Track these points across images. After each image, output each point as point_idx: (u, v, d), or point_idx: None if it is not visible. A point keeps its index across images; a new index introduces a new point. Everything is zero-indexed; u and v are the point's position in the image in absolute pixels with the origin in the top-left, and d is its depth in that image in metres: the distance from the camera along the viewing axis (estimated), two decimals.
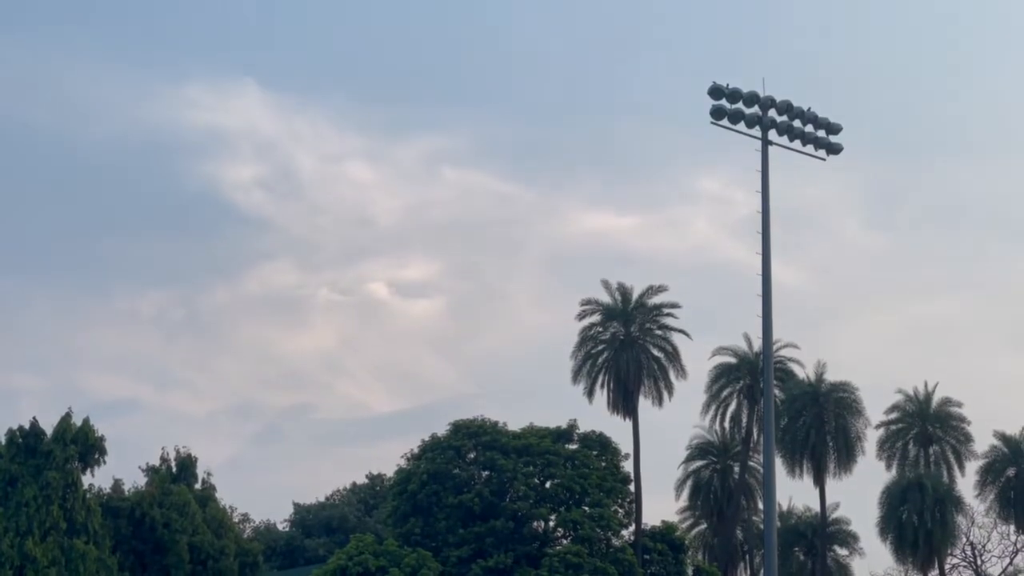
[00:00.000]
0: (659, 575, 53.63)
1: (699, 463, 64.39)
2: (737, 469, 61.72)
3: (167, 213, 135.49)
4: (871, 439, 59.81)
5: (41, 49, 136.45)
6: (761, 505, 55.74)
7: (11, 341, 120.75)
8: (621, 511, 53.43)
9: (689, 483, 63.97)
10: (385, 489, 66.20)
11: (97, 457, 49.11)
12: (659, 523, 56.63)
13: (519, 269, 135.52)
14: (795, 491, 68.57)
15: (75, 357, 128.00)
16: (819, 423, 57.13)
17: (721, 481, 63.42)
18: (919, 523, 55.00)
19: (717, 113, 29.97)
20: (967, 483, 60.62)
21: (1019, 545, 63.96)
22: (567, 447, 53.81)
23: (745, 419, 59.48)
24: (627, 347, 55.05)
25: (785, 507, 68.13)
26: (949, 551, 60.88)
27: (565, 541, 50.63)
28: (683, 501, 65.29)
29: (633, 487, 54.44)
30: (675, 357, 56.47)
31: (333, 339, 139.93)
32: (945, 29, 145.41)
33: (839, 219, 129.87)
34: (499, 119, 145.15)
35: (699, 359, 59.85)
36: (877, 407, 60.70)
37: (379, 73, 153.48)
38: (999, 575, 64.66)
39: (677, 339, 56.53)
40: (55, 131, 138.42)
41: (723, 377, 59.63)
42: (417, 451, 53.44)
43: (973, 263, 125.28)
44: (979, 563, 65.46)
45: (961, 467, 60.28)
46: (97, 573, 44.96)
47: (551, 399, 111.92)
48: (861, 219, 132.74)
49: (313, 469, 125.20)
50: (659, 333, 56.64)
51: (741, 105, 30.19)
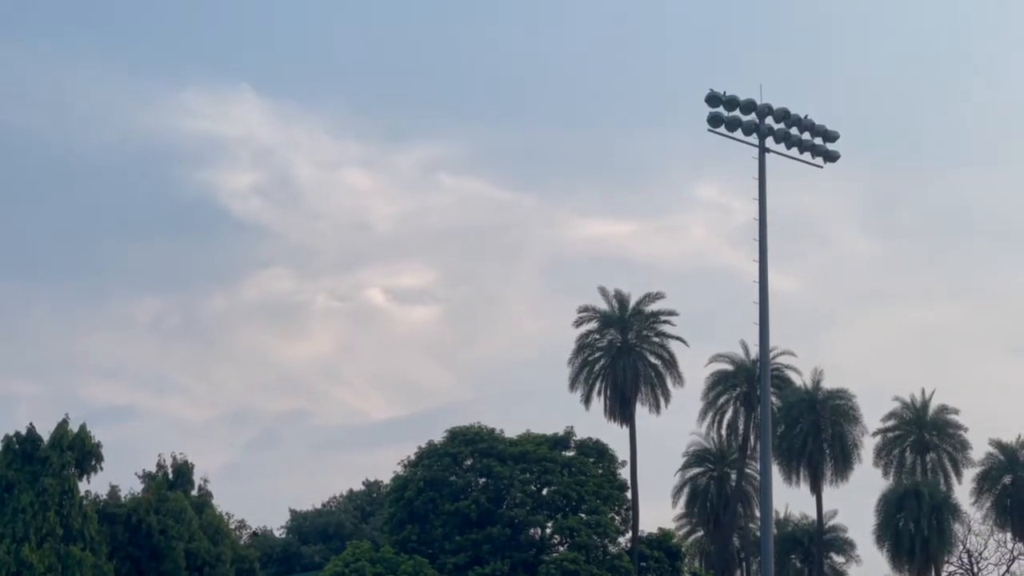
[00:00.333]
0: None
1: (696, 470, 64.09)
2: (734, 476, 61.54)
3: (165, 219, 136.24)
4: (868, 446, 59.67)
5: (41, 54, 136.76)
6: (758, 512, 55.39)
7: (9, 346, 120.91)
8: (618, 518, 53.46)
9: (686, 490, 63.65)
10: (382, 496, 66.20)
11: (94, 463, 49.20)
12: (656, 530, 56.76)
13: (516, 276, 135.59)
14: (792, 498, 68.24)
15: (72, 363, 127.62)
16: (816, 430, 57.04)
17: (718, 488, 63.18)
18: (916, 530, 54.81)
19: (714, 120, 29.62)
20: (964, 491, 60.48)
21: (1016, 552, 64.15)
22: (564, 454, 53.87)
23: (742, 426, 59.29)
24: (624, 354, 55.20)
25: (782, 514, 68.28)
26: (946, 559, 60.69)
27: (562, 548, 50.61)
28: (680, 508, 65.04)
29: (630, 494, 54.48)
30: (672, 364, 56.67)
31: (330, 346, 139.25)
32: (944, 36, 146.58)
33: (836, 226, 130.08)
34: (497, 127, 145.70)
35: (696, 366, 59.79)
36: (874, 414, 60.51)
37: (377, 80, 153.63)
38: None
39: (674, 346, 56.88)
40: (54, 136, 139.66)
41: (720, 384, 59.39)
42: (414, 458, 53.51)
43: (970, 270, 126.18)
44: (976, 570, 65.68)
45: (958, 475, 60.11)
46: None
47: (548, 406, 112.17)
48: (858, 226, 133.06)
49: (310, 476, 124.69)
50: (656, 340, 56.84)
51: (738, 112, 29.83)
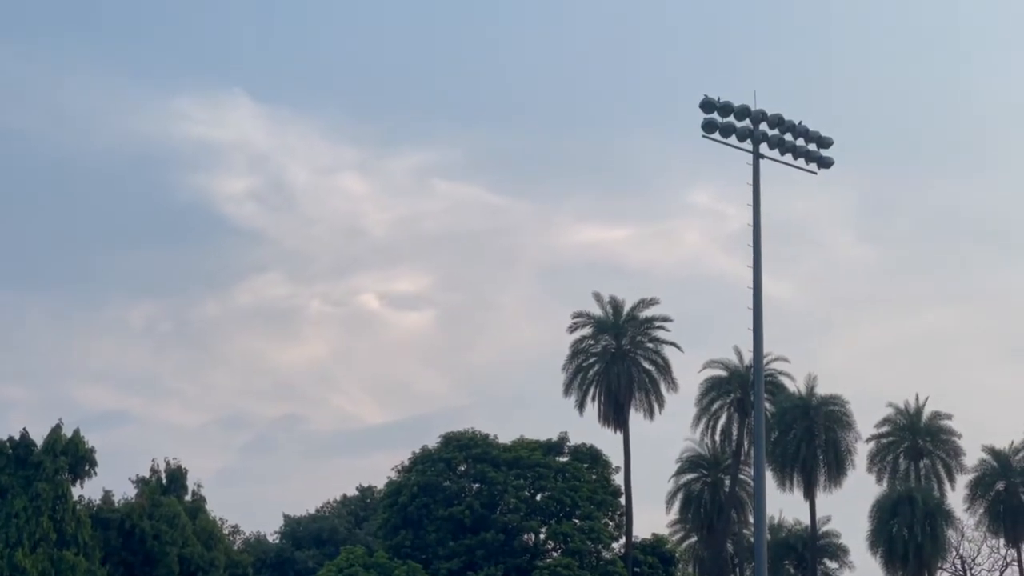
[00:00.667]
0: None
1: (690, 476, 64.27)
2: (728, 482, 61.79)
3: (160, 224, 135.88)
4: (862, 452, 59.98)
5: (37, 58, 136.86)
6: (751, 518, 55.33)
7: (3, 351, 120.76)
8: (612, 524, 53.69)
9: (680, 496, 63.72)
10: (376, 501, 66.13)
11: (87, 468, 49.21)
12: (650, 536, 56.94)
13: (511, 281, 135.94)
14: (785, 504, 68.43)
15: (67, 368, 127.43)
16: (809, 436, 57.29)
17: (712, 494, 63.29)
18: (909, 537, 54.99)
19: (708, 126, 29.65)
20: (957, 497, 60.73)
21: (1009, 559, 64.33)
22: (558, 460, 54.06)
23: (736, 432, 59.55)
24: (618, 360, 55.46)
25: (775, 520, 68.13)
26: (939, 564, 60.98)
27: (555, 554, 50.83)
28: (674, 514, 65.11)
29: (624, 500, 54.65)
30: (666, 370, 56.98)
31: (325, 351, 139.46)
32: (939, 43, 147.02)
33: (831, 232, 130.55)
34: (491, 132, 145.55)
35: (690, 371, 60.35)
36: (868, 420, 60.74)
37: (372, 85, 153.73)
38: None
39: (668, 352, 57.24)
40: (49, 140, 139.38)
41: (714, 390, 59.77)
42: (408, 463, 53.57)
43: (964, 276, 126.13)
44: None
45: (951, 481, 60.29)
46: None
47: (543, 411, 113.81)
48: (852, 232, 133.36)
49: (304, 481, 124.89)
50: (650, 346, 57.16)
51: (732, 119, 29.80)
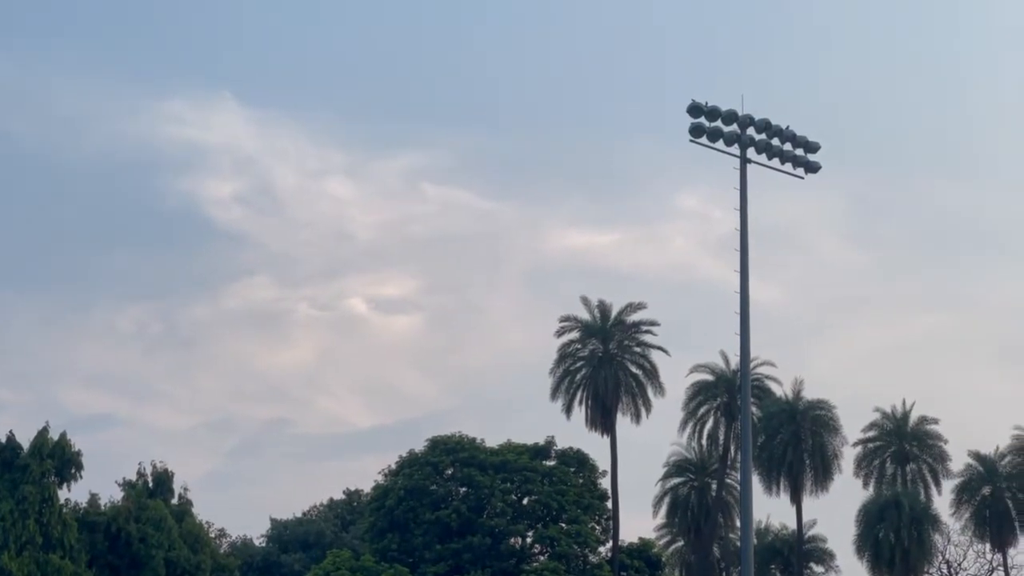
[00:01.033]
0: None
1: (677, 480, 64.76)
2: (714, 486, 62.22)
3: (148, 228, 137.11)
4: (848, 457, 60.69)
5: (26, 62, 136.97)
6: (738, 522, 55.57)
7: None
8: (598, 528, 53.93)
9: (667, 500, 64.16)
10: (362, 505, 66.34)
11: (73, 471, 49.29)
12: (636, 540, 57.04)
13: (499, 285, 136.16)
14: (772, 509, 68.75)
15: (54, 371, 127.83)
16: (796, 441, 57.81)
17: (698, 498, 63.67)
18: (896, 541, 55.41)
19: (696, 131, 30.01)
20: (943, 501, 61.32)
21: (995, 563, 64.63)
22: (544, 463, 54.31)
23: (722, 436, 60.06)
24: (605, 364, 55.75)
25: (762, 524, 68.59)
26: (925, 569, 61.42)
27: (542, 558, 51.03)
28: (660, 518, 65.53)
29: (610, 504, 54.88)
30: (653, 374, 57.28)
31: (312, 354, 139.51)
32: (926, 46, 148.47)
33: (818, 237, 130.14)
34: (479, 136, 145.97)
35: (677, 376, 60.82)
36: (854, 425, 61.46)
37: (360, 88, 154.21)
38: None
39: (656, 356, 57.56)
40: (38, 144, 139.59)
41: (700, 394, 60.33)
42: (395, 467, 53.73)
43: (953, 279, 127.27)
44: None
45: (938, 485, 60.94)
46: None
47: (531, 415, 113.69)
48: (840, 237, 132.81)
49: (292, 484, 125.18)
50: (638, 350, 57.50)
51: (720, 123, 30.15)
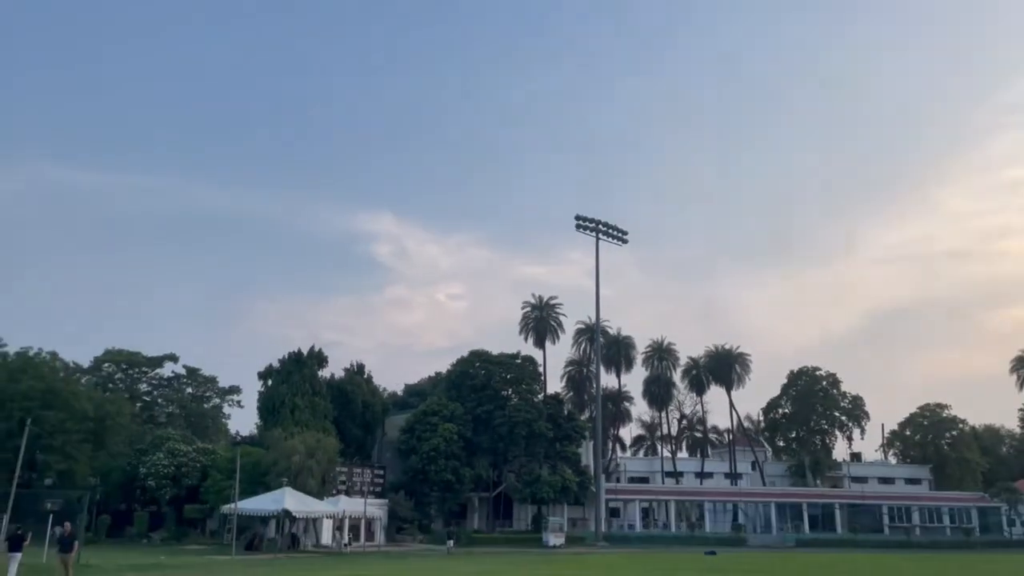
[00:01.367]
0: None
1: (570, 368, 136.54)
2: (585, 371, 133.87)
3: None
4: (639, 359, 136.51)
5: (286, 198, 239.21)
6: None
7: None
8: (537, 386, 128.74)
9: (567, 374, 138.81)
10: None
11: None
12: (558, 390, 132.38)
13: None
14: (612, 380, 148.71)
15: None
16: (616, 351, 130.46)
17: (579, 373, 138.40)
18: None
19: (579, 226, 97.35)
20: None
21: None
22: (515, 362, 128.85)
23: (588, 349, 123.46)
24: (542, 320, 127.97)
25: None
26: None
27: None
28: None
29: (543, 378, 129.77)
30: (560, 325, 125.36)
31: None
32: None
33: (627, 269, 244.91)
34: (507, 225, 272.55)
35: (570, 326, 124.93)
36: (640, 347, 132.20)
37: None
38: None
39: (562, 318, 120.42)
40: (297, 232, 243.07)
41: (580, 334, 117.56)
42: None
43: (683, 296, 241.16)
44: None
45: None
46: None
47: (511, 343, 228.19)
48: (635, 269, 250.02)
49: None
50: (554, 315, 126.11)
51: (587, 223, 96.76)
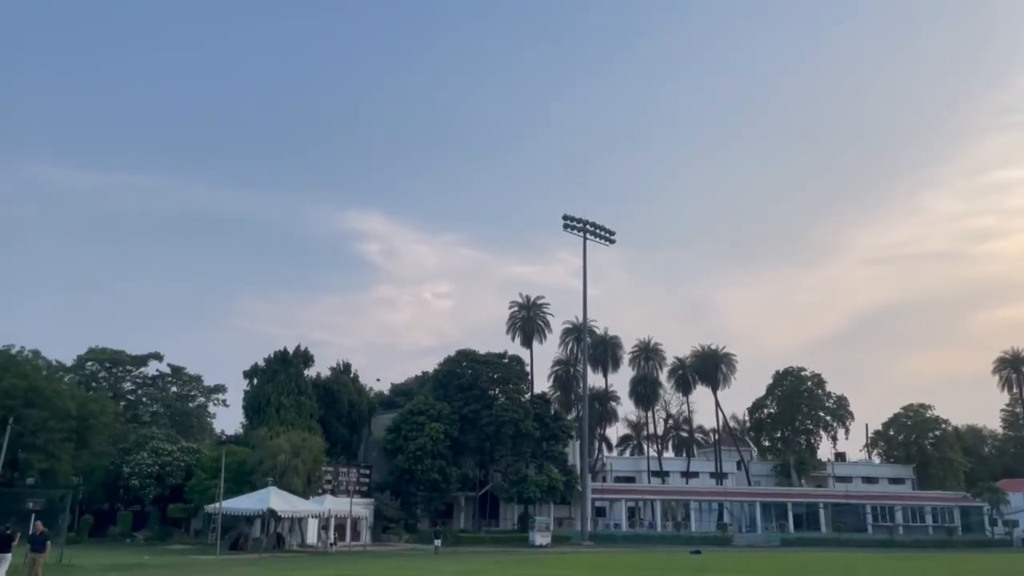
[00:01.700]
0: None
1: (558, 368, 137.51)
2: (572, 371, 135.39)
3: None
4: (626, 357, 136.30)
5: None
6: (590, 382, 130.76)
7: None
8: (524, 386, 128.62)
9: (554, 373, 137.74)
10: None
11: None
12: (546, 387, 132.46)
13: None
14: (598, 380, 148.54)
15: None
16: (604, 351, 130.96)
17: (566, 372, 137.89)
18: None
19: (567, 226, 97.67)
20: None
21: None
22: (503, 361, 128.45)
23: (576, 350, 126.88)
24: (529, 320, 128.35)
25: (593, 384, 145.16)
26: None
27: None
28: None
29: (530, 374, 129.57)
30: (547, 324, 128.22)
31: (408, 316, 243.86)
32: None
33: (612, 269, 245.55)
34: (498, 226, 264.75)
35: (557, 326, 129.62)
36: (628, 346, 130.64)
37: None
38: None
39: (549, 317, 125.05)
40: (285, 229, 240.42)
41: (568, 334, 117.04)
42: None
43: (671, 297, 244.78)
44: None
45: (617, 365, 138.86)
46: None
47: (497, 343, 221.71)
48: (622, 270, 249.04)
49: None
50: (542, 314, 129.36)
51: (575, 222, 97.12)
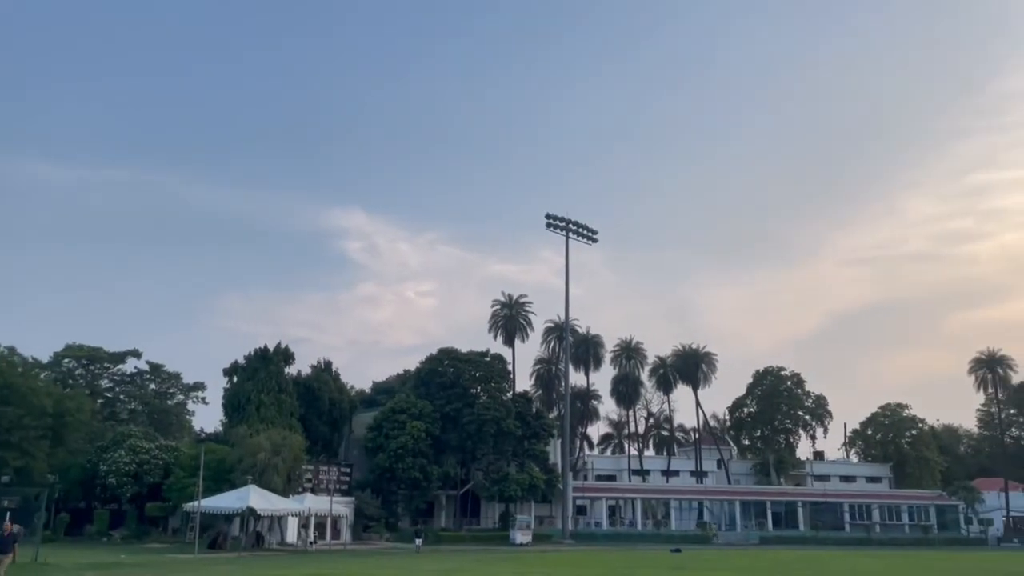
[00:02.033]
0: None
1: (539, 367, 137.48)
2: (553, 369, 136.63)
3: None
4: (607, 356, 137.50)
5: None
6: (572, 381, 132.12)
7: None
8: (506, 384, 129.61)
9: (536, 372, 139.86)
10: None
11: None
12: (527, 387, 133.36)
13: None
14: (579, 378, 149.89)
15: None
16: (585, 350, 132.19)
17: (548, 372, 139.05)
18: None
19: (549, 224, 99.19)
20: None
21: None
22: (484, 360, 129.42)
23: (558, 348, 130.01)
24: (511, 319, 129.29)
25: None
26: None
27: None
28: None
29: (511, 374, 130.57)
30: (529, 322, 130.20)
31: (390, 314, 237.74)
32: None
33: (596, 269, 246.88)
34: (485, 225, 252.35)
35: (539, 324, 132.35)
36: (610, 344, 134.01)
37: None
38: None
39: (531, 316, 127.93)
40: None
41: (549, 333, 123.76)
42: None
43: (653, 296, 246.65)
44: None
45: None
46: None
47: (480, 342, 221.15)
48: (604, 267, 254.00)
49: None
50: (524, 312, 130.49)
51: (557, 221, 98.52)
